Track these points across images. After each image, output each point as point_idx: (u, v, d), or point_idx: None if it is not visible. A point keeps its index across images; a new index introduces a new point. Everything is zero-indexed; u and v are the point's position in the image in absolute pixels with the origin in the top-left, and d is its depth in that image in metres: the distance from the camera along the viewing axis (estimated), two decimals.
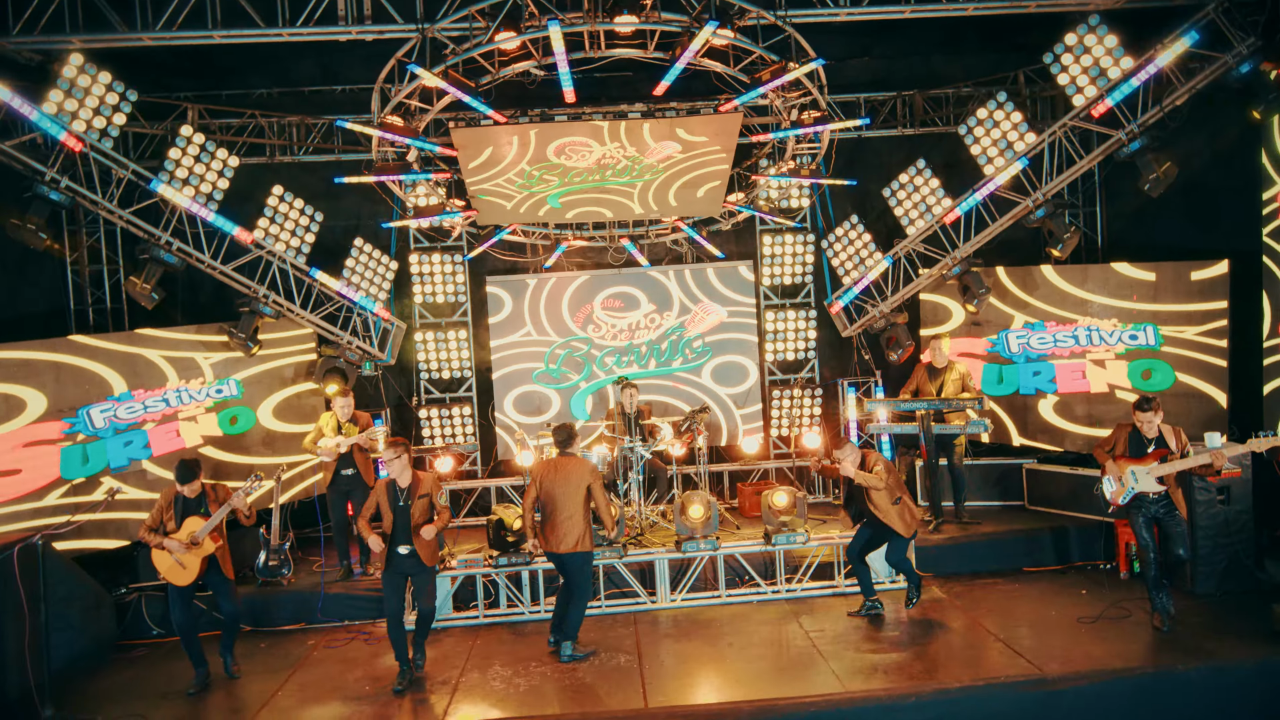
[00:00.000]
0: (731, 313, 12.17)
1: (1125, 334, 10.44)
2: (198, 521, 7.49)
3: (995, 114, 9.98)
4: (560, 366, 12.06)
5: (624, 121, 8.98)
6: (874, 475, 7.95)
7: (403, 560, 7.38)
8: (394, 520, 7.36)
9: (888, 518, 7.99)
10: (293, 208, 10.29)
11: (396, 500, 7.38)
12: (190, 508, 7.54)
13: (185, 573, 7.51)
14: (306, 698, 7.25)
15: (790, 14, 8.68)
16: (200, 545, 7.48)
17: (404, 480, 7.40)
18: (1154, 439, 7.39)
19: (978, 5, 8.89)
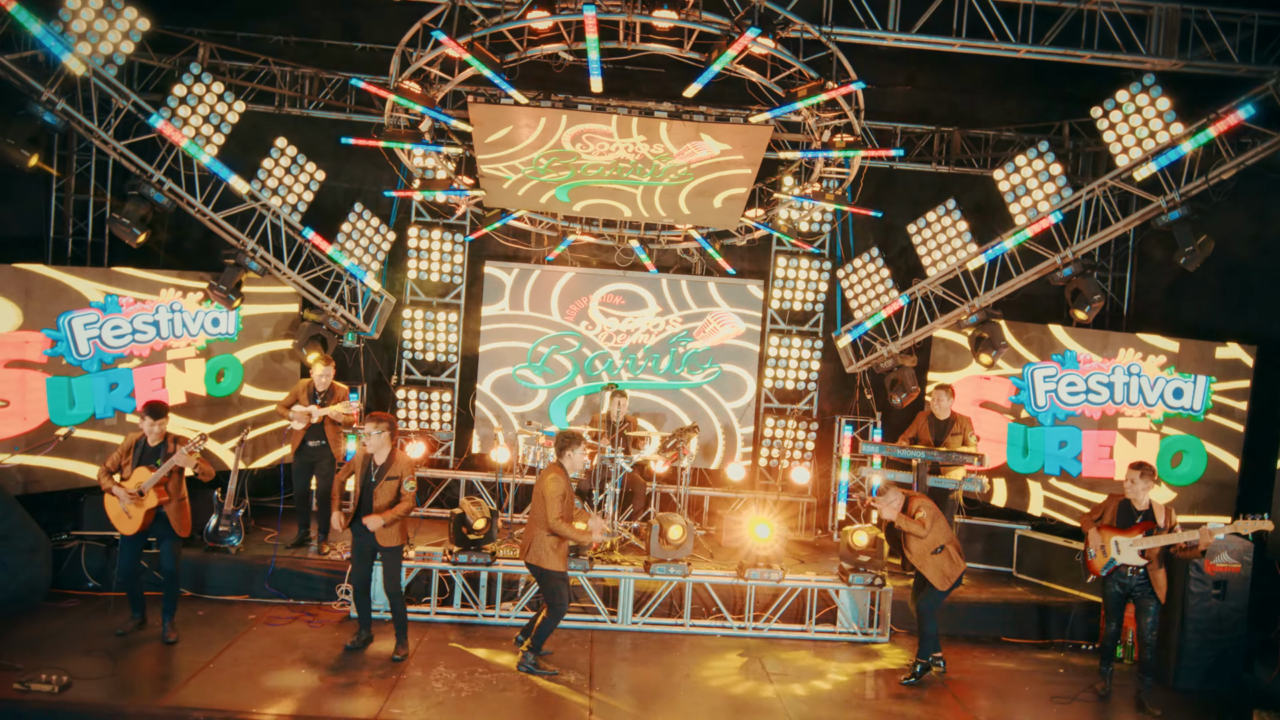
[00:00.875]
0: (746, 320, 12.14)
1: (1169, 387, 10.03)
2: (145, 473, 7.55)
3: (1034, 163, 9.99)
4: (544, 365, 12.02)
5: (648, 119, 8.97)
6: (915, 521, 7.90)
7: (366, 534, 7.59)
8: (361, 495, 7.57)
9: (923, 566, 7.96)
10: (294, 163, 10.28)
11: (369, 476, 7.58)
12: (147, 456, 7.65)
13: (130, 522, 7.62)
14: (239, 674, 7.22)
15: (836, 31, 8.69)
16: (144, 498, 7.51)
17: (381, 457, 7.58)
18: (1143, 512, 7.47)
19: (1030, 48, 8.90)
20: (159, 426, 7.66)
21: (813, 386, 12.24)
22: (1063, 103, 11.31)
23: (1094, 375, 10.45)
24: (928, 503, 8.02)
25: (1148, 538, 7.37)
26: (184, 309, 10.18)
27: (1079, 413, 10.58)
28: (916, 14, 8.82)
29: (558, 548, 7.62)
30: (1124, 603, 7.72)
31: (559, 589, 7.74)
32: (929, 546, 7.88)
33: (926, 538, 7.86)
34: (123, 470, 7.63)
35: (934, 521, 7.89)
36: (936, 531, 7.88)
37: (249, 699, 6.78)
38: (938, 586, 7.90)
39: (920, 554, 7.92)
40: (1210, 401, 9.81)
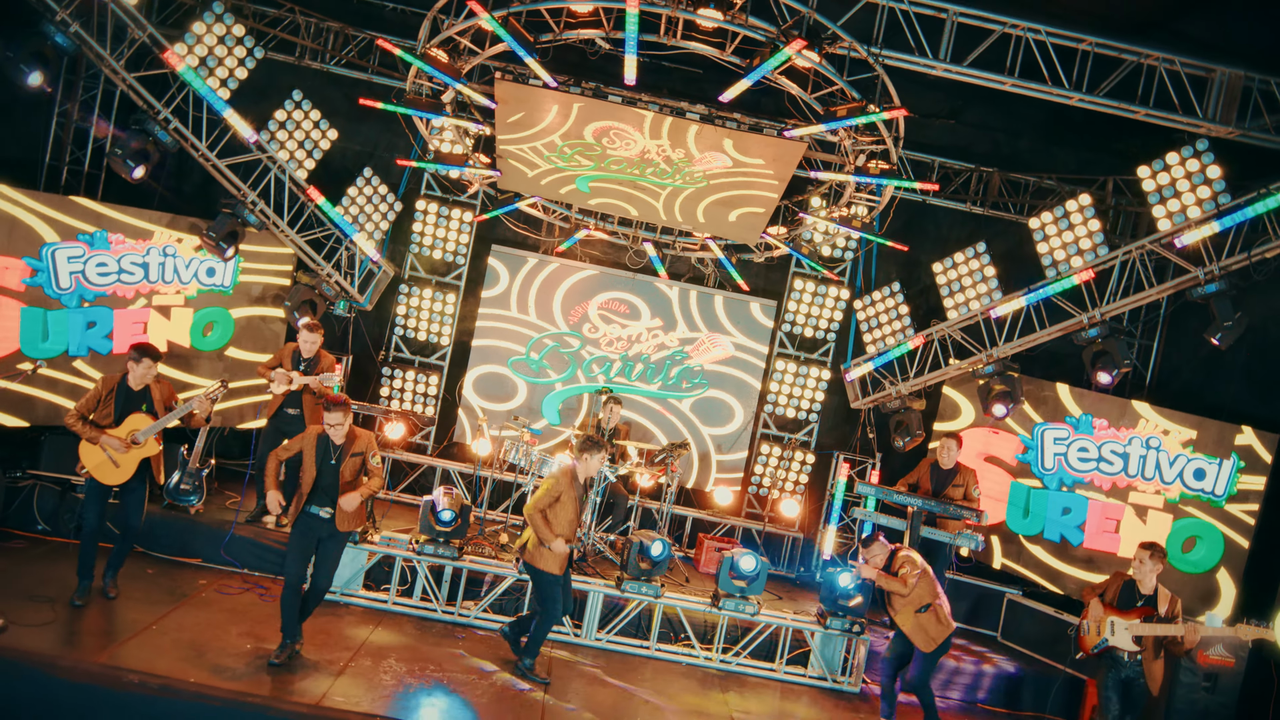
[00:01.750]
0: (739, 348, 12.16)
1: (1191, 466, 9.99)
2: (143, 419, 7.45)
3: (1073, 215, 10.01)
4: (542, 360, 12.04)
5: (677, 120, 8.99)
6: (896, 580, 7.82)
7: (318, 523, 7.21)
8: (317, 478, 7.17)
9: (904, 626, 7.83)
10: (307, 118, 10.30)
11: (327, 457, 7.19)
12: (133, 401, 7.50)
13: (118, 472, 7.48)
14: (181, 640, 7.20)
15: (884, 54, 8.72)
16: (141, 446, 7.43)
17: (339, 438, 7.23)
18: (1146, 596, 7.40)
19: (1084, 97, 8.93)
20: (147, 370, 7.49)
21: (814, 418, 12.24)
22: (1110, 157, 11.35)
23: (1109, 444, 10.46)
24: (914, 557, 7.95)
25: (1144, 624, 7.33)
26: (178, 254, 10.18)
27: (1088, 480, 10.57)
28: (970, 46, 8.85)
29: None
30: (1121, 689, 7.52)
31: (552, 593, 7.72)
32: (913, 604, 7.80)
33: (910, 595, 7.79)
34: (101, 416, 7.45)
35: (920, 578, 7.81)
36: (922, 588, 7.79)
37: (188, 668, 6.76)
38: (921, 648, 7.80)
39: (903, 612, 7.84)
40: (1235, 488, 9.80)
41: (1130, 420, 10.43)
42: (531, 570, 7.74)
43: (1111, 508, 10.41)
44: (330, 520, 7.22)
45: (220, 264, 10.43)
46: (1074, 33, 8.82)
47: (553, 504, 7.68)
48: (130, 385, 7.52)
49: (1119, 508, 10.38)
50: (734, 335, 12.16)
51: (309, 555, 7.33)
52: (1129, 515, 10.31)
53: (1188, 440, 10.09)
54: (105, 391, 7.49)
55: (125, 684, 6.42)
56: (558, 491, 7.66)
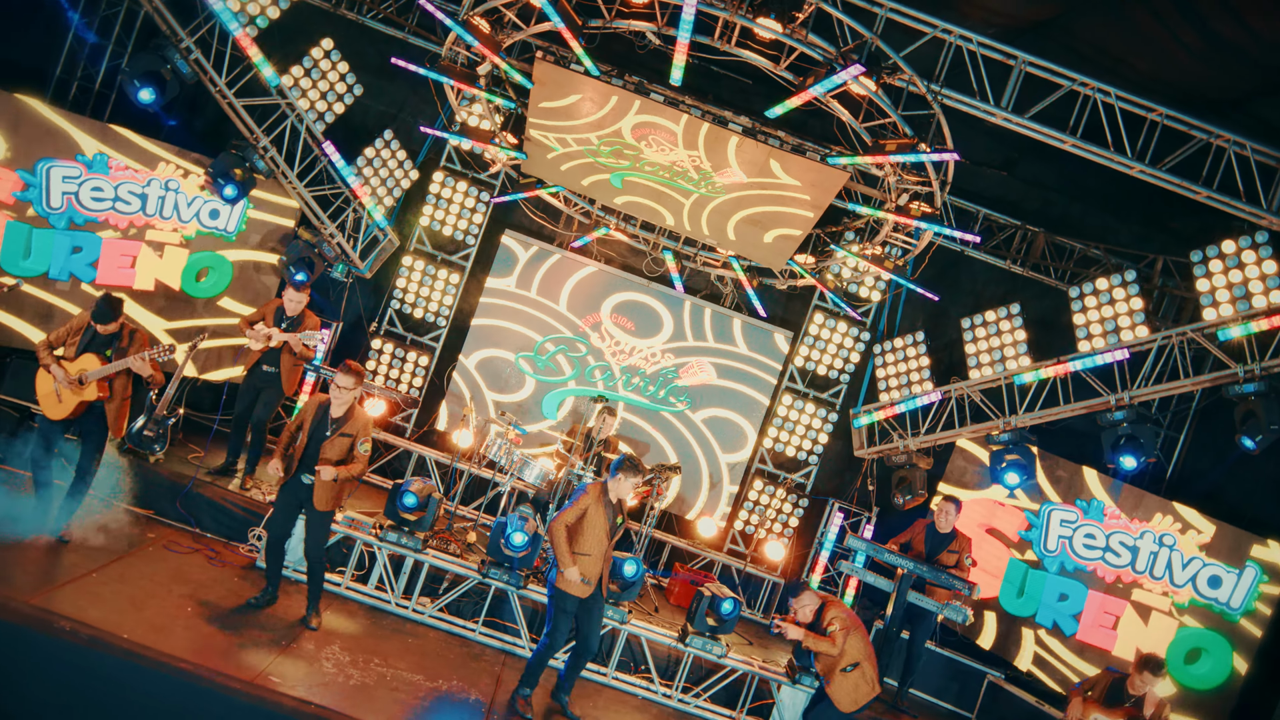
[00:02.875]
0: (748, 378, 12.17)
1: (1206, 572, 9.90)
2: (93, 361, 7.55)
3: (1116, 290, 10.04)
4: (549, 360, 12.06)
5: (717, 129, 9.02)
6: (825, 640, 7.69)
7: (302, 488, 7.62)
8: (307, 446, 7.56)
9: (830, 683, 7.73)
10: (335, 69, 10.36)
11: (322, 428, 7.56)
12: (96, 343, 7.64)
13: (58, 407, 7.62)
14: (120, 592, 7.21)
15: (944, 92, 8.75)
16: (84, 387, 7.51)
17: (338, 410, 7.59)
18: (1135, 697, 7.40)
19: (1145, 169, 8.95)
20: (111, 324, 7.62)
21: (814, 460, 12.24)
22: (1163, 234, 11.37)
23: (1118, 534, 10.43)
24: (843, 613, 7.80)
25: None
26: (180, 190, 10.21)
27: (1090, 569, 10.54)
28: (1034, 98, 8.88)
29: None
30: None
31: (560, 620, 7.54)
32: (841, 663, 7.69)
33: (837, 654, 7.67)
34: (66, 349, 7.61)
35: (848, 636, 7.67)
36: (852, 646, 7.68)
37: (123, 622, 6.76)
38: (842, 709, 7.68)
39: (829, 670, 7.72)
40: (1253, 605, 9.76)
41: (1146, 513, 10.40)
42: (549, 587, 7.58)
43: (1112, 602, 10.37)
44: (310, 489, 7.60)
45: (225, 207, 10.45)
46: (1145, 100, 8.84)
47: (578, 520, 7.47)
48: (98, 327, 7.66)
49: (1120, 603, 10.34)
50: (751, 359, 12.16)
51: (292, 517, 7.82)
52: (1129, 613, 10.27)
53: (1204, 543, 10.07)
54: (78, 326, 7.69)
55: (55, 630, 6.43)
56: (584, 506, 7.44)
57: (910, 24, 8.68)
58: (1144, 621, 10.20)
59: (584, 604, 7.56)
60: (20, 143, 9.26)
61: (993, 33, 8.78)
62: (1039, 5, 8.70)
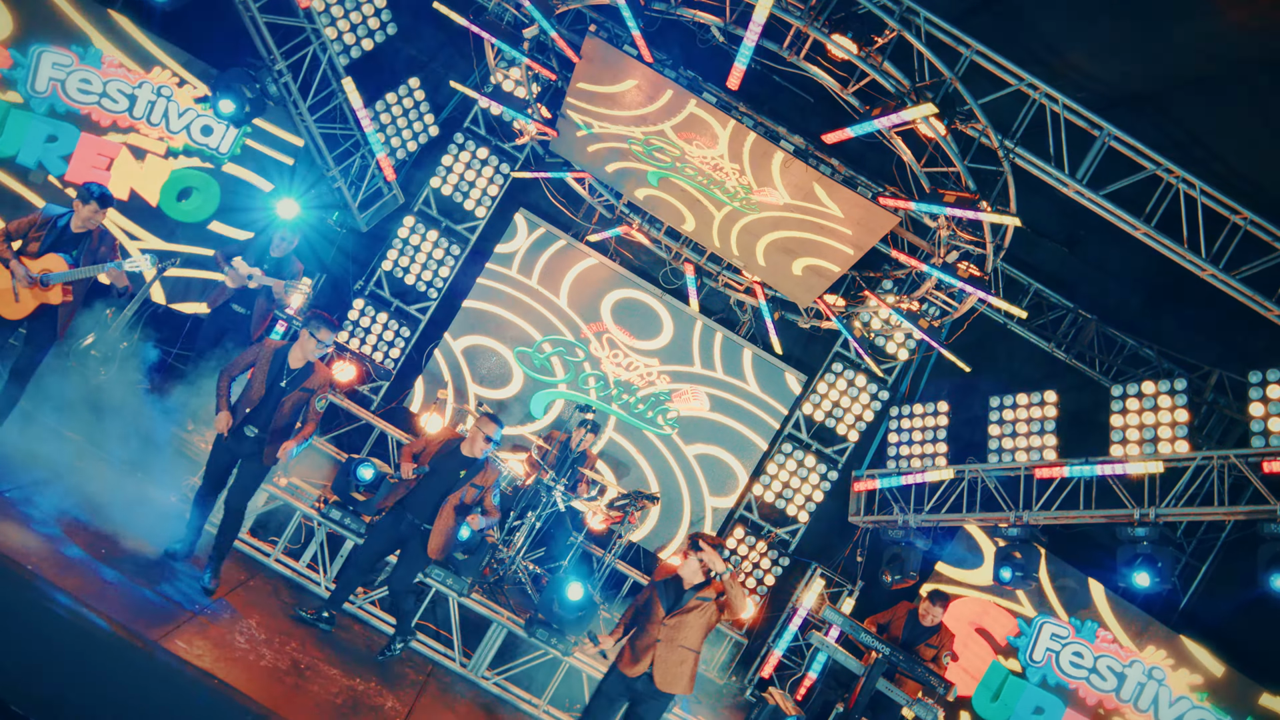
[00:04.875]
0: (748, 417, 12.16)
1: (1194, 715, 9.99)
2: (58, 262, 7.49)
3: (1161, 398, 10.03)
4: (547, 359, 12.05)
5: (766, 143, 9.01)
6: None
7: (244, 441, 7.46)
8: (262, 396, 7.39)
9: (676, 664, 7.18)
10: (371, 1, 10.37)
11: (278, 377, 7.41)
12: (63, 242, 7.56)
13: (14, 307, 7.53)
14: (28, 519, 7.16)
15: (1018, 150, 8.74)
16: (46, 290, 7.47)
17: (298, 361, 7.44)
18: None
19: (1218, 273, 8.92)
20: (92, 214, 7.57)
21: (805, 517, 12.20)
22: (1222, 347, 11.34)
23: (1106, 658, 10.45)
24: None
25: None
26: (173, 98, 10.21)
27: (1073, 688, 10.56)
28: (1113, 176, 8.86)
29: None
30: None
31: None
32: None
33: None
34: (28, 243, 7.52)
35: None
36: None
37: (34, 554, 6.72)
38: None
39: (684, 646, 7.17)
40: None
41: (1145, 641, 10.38)
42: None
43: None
44: (254, 441, 7.45)
45: (220, 125, 10.43)
46: (1231, 200, 8.83)
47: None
48: (71, 225, 7.59)
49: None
50: (758, 395, 12.16)
51: (226, 470, 7.62)
52: None
53: (1199, 684, 10.03)
54: (41, 221, 7.59)
55: None
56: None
57: (996, 71, 8.66)
58: None
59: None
60: (24, 20, 9.28)
61: (1083, 98, 8.76)
62: (1142, 80, 8.69)
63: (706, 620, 7.11)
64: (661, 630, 7.06)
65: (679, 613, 7.08)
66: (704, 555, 7.04)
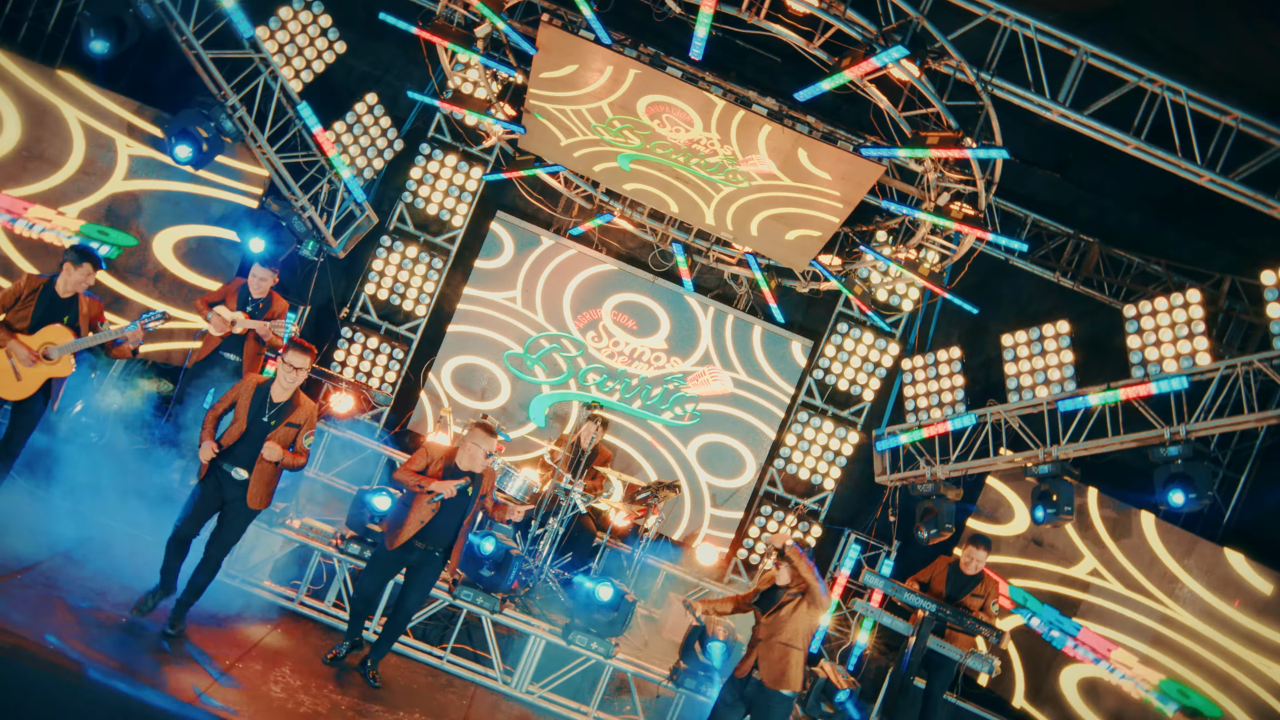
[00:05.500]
0: (755, 390, 12.17)
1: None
2: (62, 333, 7.40)
3: (1176, 312, 10.03)
4: (539, 359, 12.07)
5: (739, 109, 9.01)
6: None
7: (230, 484, 7.24)
8: (244, 433, 7.19)
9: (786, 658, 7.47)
10: (316, 22, 10.39)
11: (260, 412, 7.22)
12: (56, 310, 7.44)
13: (17, 386, 7.40)
14: (47, 597, 7.18)
15: (995, 82, 8.74)
16: (53, 363, 7.39)
17: (282, 394, 7.25)
18: None
19: (1215, 178, 8.94)
20: (85, 277, 7.46)
21: (830, 485, 12.23)
22: (1231, 252, 11.35)
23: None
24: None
25: None
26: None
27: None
28: (1095, 94, 8.86)
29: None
30: None
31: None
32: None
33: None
34: (15, 318, 7.36)
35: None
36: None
37: (45, 626, 6.73)
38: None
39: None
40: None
41: (1198, 561, 10.38)
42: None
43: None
44: (243, 485, 7.23)
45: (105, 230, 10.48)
46: (1220, 102, 8.82)
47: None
48: (57, 291, 7.47)
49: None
50: (752, 371, 12.18)
51: (208, 514, 7.33)
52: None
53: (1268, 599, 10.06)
54: (27, 291, 7.42)
55: None
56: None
57: (961, 3, 8.67)
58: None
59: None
60: None
61: (1054, 19, 8.76)
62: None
63: (800, 616, 7.35)
64: (760, 630, 7.42)
65: (773, 611, 7.38)
66: (793, 564, 7.37)
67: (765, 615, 7.39)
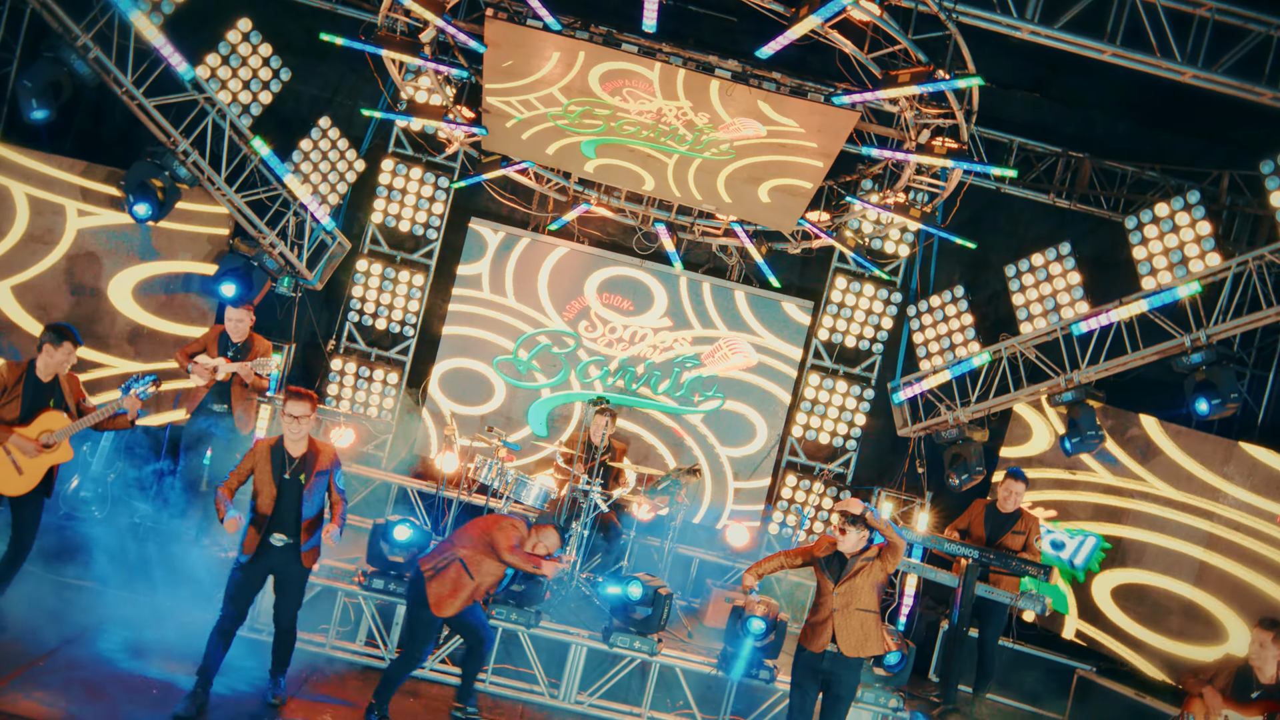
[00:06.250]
0: (764, 351, 12.18)
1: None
2: (57, 418, 7.35)
3: (1178, 215, 10.02)
4: (531, 360, 12.07)
5: (703, 75, 8.99)
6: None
7: (274, 554, 7.14)
8: (276, 496, 7.10)
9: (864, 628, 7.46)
10: (256, 53, 10.35)
11: (282, 470, 7.14)
12: (42, 395, 7.38)
13: (20, 480, 7.32)
14: (73, 680, 7.18)
15: (959, 8, 8.72)
16: (54, 450, 7.35)
17: (298, 448, 7.20)
18: (1268, 688, 7.29)
19: (1199, 73, 8.93)
20: (66, 357, 7.39)
21: (853, 445, 12.24)
22: (1226, 147, 11.34)
23: None
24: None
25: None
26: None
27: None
28: (1063, 6, 8.85)
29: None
30: None
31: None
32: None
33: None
34: (3, 410, 7.30)
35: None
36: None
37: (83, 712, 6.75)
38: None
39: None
40: None
41: (1234, 469, 10.38)
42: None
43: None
44: (288, 550, 7.15)
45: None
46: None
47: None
48: (39, 375, 7.39)
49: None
50: (761, 337, 12.18)
51: (254, 592, 7.27)
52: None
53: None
54: (12, 380, 7.34)
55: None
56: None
57: None
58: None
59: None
60: None
61: None
62: None
63: (874, 579, 7.29)
64: (835, 600, 7.26)
65: (846, 579, 7.25)
66: (869, 521, 7.26)
67: (838, 585, 7.23)
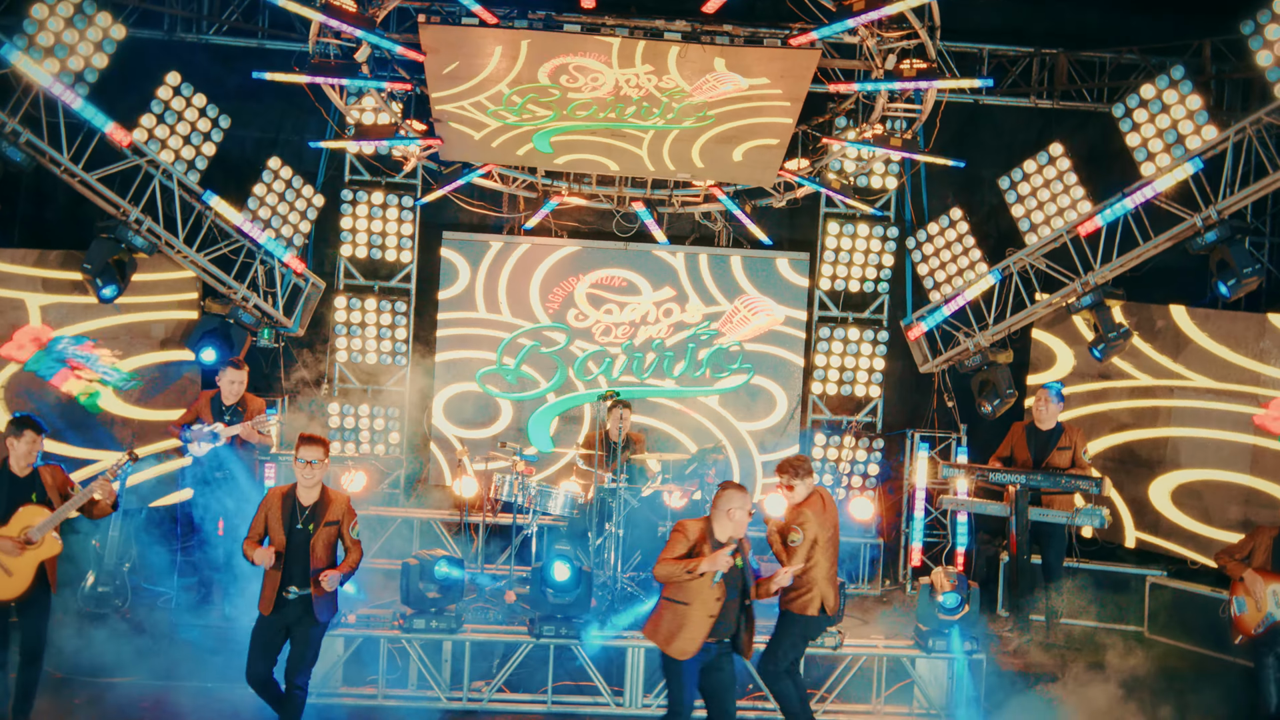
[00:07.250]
0: (773, 319, 12.19)
1: None
2: (37, 512, 7.30)
3: (1165, 94, 9.99)
4: (519, 367, 12.05)
5: (655, 43, 8.98)
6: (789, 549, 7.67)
7: (289, 607, 7.16)
8: (286, 546, 7.11)
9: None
10: (191, 105, 10.33)
11: (294, 520, 7.15)
12: (20, 491, 7.33)
13: (11, 582, 7.26)
14: None
15: None
16: (38, 546, 7.34)
17: (310, 496, 7.21)
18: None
19: None
20: (31, 447, 7.32)
21: (876, 391, 12.24)
22: (1202, 14, 11.27)
23: None
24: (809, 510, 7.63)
25: None
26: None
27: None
28: None
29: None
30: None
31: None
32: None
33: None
34: None
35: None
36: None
37: None
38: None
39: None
40: None
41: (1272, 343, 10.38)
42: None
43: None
44: (301, 602, 7.15)
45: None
46: None
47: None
48: (13, 470, 7.36)
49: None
50: (771, 296, 12.18)
51: (276, 647, 7.30)
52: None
53: None
54: None
55: None
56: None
57: None
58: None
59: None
60: None
61: None
62: None
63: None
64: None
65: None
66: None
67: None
